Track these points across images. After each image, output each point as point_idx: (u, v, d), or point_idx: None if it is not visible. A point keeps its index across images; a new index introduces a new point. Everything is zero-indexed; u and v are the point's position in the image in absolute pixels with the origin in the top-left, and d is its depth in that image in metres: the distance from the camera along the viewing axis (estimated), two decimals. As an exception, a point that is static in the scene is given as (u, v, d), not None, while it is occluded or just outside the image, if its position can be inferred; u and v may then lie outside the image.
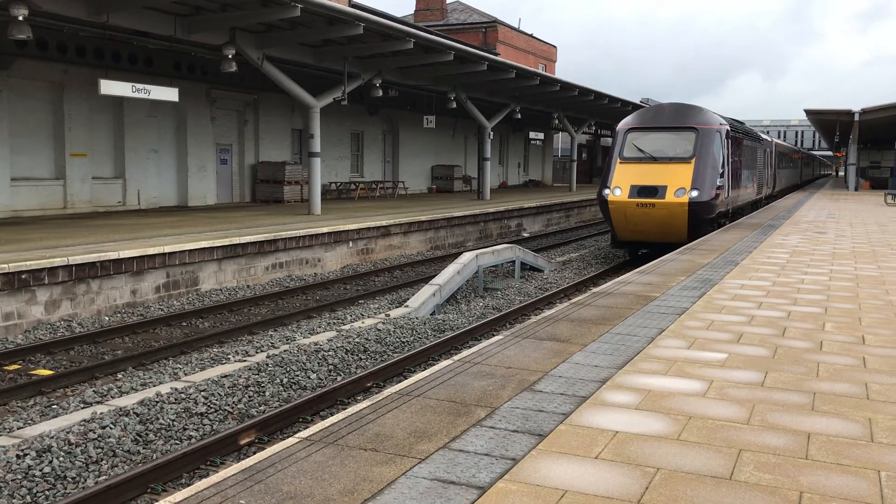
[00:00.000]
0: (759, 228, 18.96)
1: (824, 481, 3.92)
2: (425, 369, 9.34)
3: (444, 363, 6.11)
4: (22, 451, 6.81)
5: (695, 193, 17.92)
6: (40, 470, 6.57)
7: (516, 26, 56.48)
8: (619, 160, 19.07)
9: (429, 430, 4.59)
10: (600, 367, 5.98)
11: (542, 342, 6.78)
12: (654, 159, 18.70)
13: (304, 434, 4.54)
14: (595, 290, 9.65)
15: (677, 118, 19.26)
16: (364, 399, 8.50)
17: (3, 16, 15.88)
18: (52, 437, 7.13)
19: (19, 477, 6.44)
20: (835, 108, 43.52)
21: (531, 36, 57.88)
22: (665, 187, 18.08)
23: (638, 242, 19.85)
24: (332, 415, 8.33)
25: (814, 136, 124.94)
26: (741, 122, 27.99)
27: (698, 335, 7.14)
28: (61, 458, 6.79)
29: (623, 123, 19.96)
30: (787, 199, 35.25)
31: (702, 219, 18.23)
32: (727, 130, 19.67)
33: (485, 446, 4.33)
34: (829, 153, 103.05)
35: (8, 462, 6.59)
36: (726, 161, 19.44)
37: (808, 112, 45.59)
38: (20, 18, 14.93)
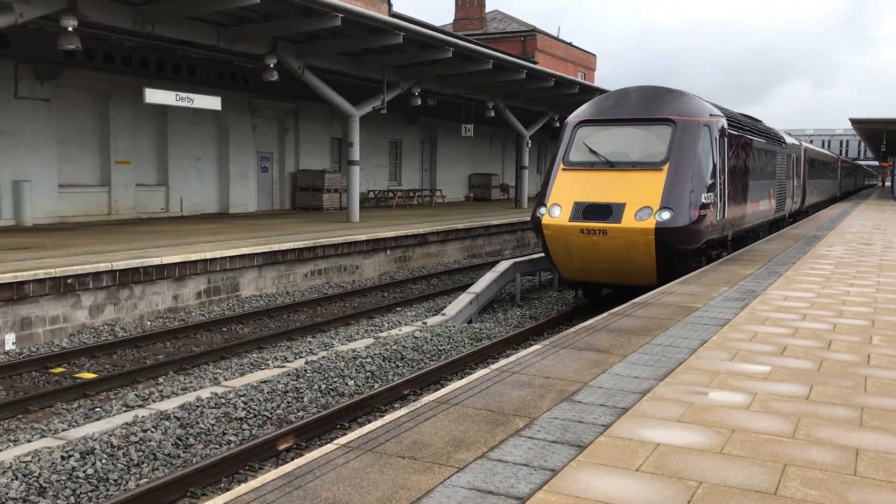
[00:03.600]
0: (802, 239, 18.59)
1: (874, 499, 3.81)
2: (462, 378, 9.32)
3: (481, 372, 6.09)
4: (66, 452, 6.93)
5: (666, 215, 12.31)
6: (84, 471, 6.68)
7: (556, 35, 56.35)
8: (561, 166, 13.48)
9: (467, 438, 4.56)
10: (641, 379, 5.90)
11: (581, 352, 6.72)
12: (609, 165, 13.06)
13: (342, 440, 4.55)
14: (635, 300, 9.55)
15: (647, 107, 13.56)
16: (402, 407, 8.50)
17: (53, 27, 16.28)
18: (96, 440, 7.25)
19: (64, 478, 6.55)
20: (881, 118, 42.64)
21: (570, 44, 57.71)
22: (622, 206, 12.51)
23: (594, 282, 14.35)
24: (369, 422, 8.34)
25: (859, 146, 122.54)
26: (755, 119, 21.38)
27: (741, 347, 7.02)
28: (104, 460, 6.90)
29: (574, 115, 14.28)
30: (831, 210, 34.54)
31: (677, 251, 12.68)
32: (723, 126, 14.28)
33: (523, 456, 4.29)
34: (875, 162, 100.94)
35: (53, 463, 6.71)
36: (720, 168, 13.97)
37: (854, 121, 44.72)
38: (70, 29, 15.30)
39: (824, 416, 5.11)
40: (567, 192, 13.07)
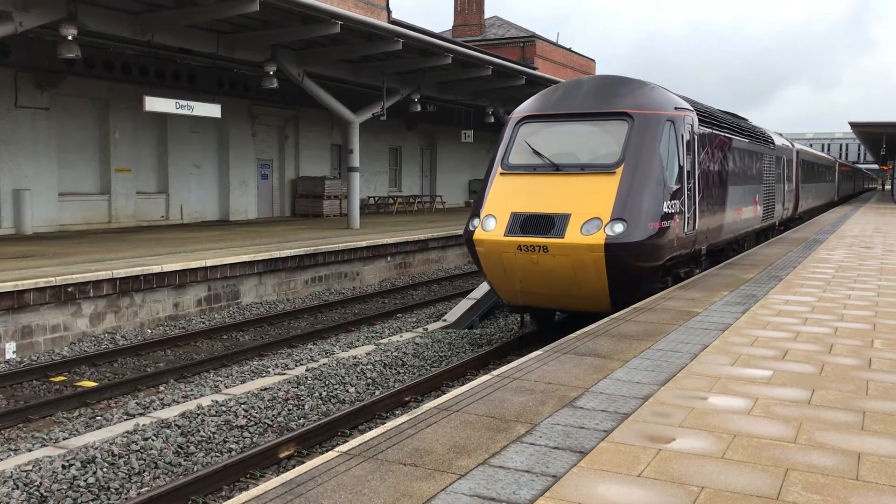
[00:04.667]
0: (803, 243, 18.59)
1: (877, 503, 3.80)
2: (463, 384, 9.31)
3: (483, 378, 6.08)
4: (67, 461, 6.93)
5: (618, 228, 10.34)
6: (85, 480, 6.67)
7: (555, 41, 56.48)
8: (499, 170, 11.49)
9: (468, 445, 4.55)
10: (642, 384, 5.89)
11: (582, 358, 6.72)
12: (555, 168, 11.06)
13: (343, 448, 4.54)
14: (636, 305, 9.54)
15: (599, 99, 11.56)
16: (403, 413, 8.49)
17: (52, 36, 16.32)
18: (97, 448, 7.24)
19: (65, 487, 6.54)
20: (881, 121, 42.68)
21: (569, 50, 57.81)
22: (566, 217, 10.53)
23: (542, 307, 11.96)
24: (371, 429, 8.33)
25: (859, 149, 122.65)
26: (737, 116, 19.54)
27: (742, 352, 7.01)
28: (105, 469, 6.89)
29: (518, 110, 12.29)
30: (830, 214, 34.53)
31: (633, 271, 10.62)
32: (693, 122, 12.31)
33: (525, 463, 4.28)
34: (875, 166, 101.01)
35: (54, 472, 6.70)
36: (690, 170, 12.02)
37: (854, 125, 44.76)
38: (69, 38, 15.34)
39: (826, 420, 5.10)
40: (504, 200, 11.10)
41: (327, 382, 9.70)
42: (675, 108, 11.76)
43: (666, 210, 10.88)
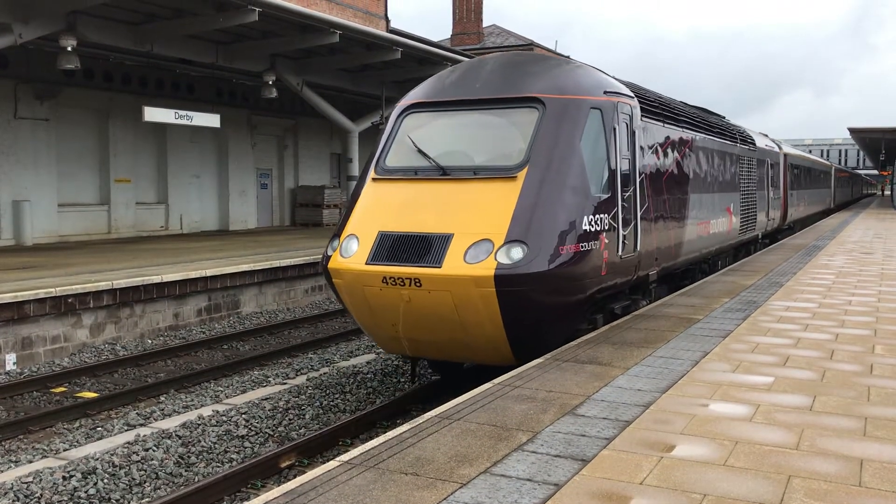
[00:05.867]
0: (803, 249, 18.60)
1: (879, 510, 3.79)
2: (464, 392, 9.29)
3: (484, 387, 6.07)
4: (68, 472, 6.91)
5: (516, 253, 7.68)
6: (85, 492, 6.65)
7: (553, 48, 56.63)
8: (372, 175, 8.90)
9: (470, 454, 4.55)
10: (643, 391, 5.89)
11: (583, 366, 6.71)
12: (441, 172, 8.44)
13: (344, 458, 4.53)
14: (637, 312, 9.54)
15: (503, 82, 8.92)
16: (404, 422, 8.47)
17: (52, 47, 16.36)
18: (97, 459, 7.22)
19: (65, 498, 6.52)
20: (880, 127, 42.76)
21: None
22: (447, 239, 7.87)
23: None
24: (372, 438, 8.31)
25: (858, 155, 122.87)
26: (706, 111, 16.47)
27: (743, 358, 7.01)
28: (106, 480, 6.87)
29: (406, 98, 9.63)
30: (831, 220, 34.53)
31: (540, 311, 7.95)
32: (632, 111, 9.75)
33: (527, 471, 4.27)
34: (874, 172, 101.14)
35: (55, 484, 6.68)
36: (627, 174, 9.42)
37: (853, 130, 44.85)
38: (69, 49, 15.39)
39: (828, 426, 5.09)
40: (373, 215, 8.43)
41: (328, 392, 9.68)
42: (606, 93, 9.15)
43: (587, 227, 8.23)
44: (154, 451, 7.53)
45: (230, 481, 6.92)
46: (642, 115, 10.13)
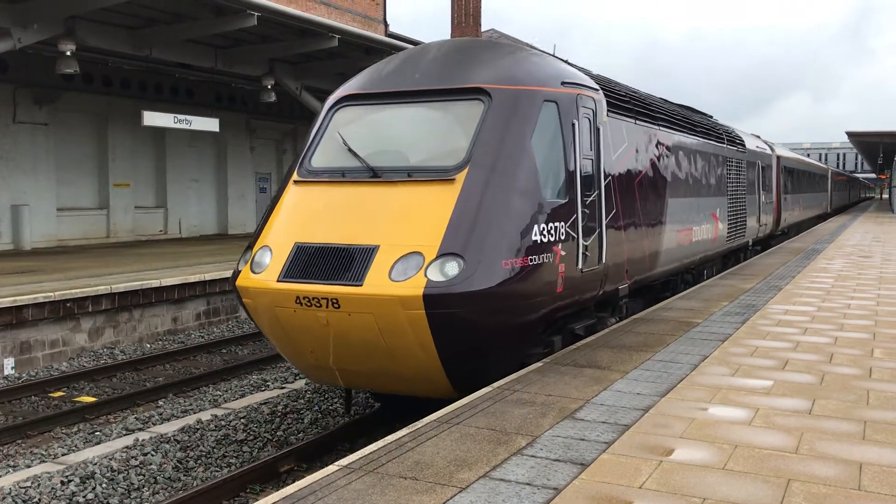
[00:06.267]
0: (801, 253, 18.61)
1: (879, 513, 3.79)
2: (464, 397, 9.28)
3: (483, 391, 6.07)
4: (66, 477, 6.90)
5: (451, 269, 6.69)
6: (84, 496, 6.64)
7: (552, 52, 56.69)
8: (294, 177, 7.91)
9: (469, 458, 4.54)
10: (643, 395, 5.89)
11: (582, 369, 6.71)
12: (372, 174, 7.44)
13: (343, 462, 4.53)
14: (635, 315, 9.54)
15: (445, 71, 7.93)
16: (403, 427, 8.46)
17: (51, 51, 16.37)
18: (96, 464, 7.21)
19: (63, 503, 6.51)
20: (878, 131, 42.84)
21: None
22: (371, 251, 6.88)
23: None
24: (371, 442, 8.30)
25: (856, 159, 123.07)
26: (688, 108, 15.45)
27: (743, 362, 7.01)
28: (104, 485, 6.86)
29: (340, 89, 8.55)
30: (829, 223, 34.56)
31: (482, 336, 6.98)
32: (595, 105, 8.73)
33: (526, 475, 4.27)
34: (872, 175, 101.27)
35: (53, 488, 6.67)
36: (590, 176, 8.44)
37: (851, 134, 44.93)
38: (68, 54, 15.39)
39: (827, 430, 5.09)
40: (291, 224, 7.44)
41: (327, 396, 9.68)
42: (565, 84, 8.22)
43: (538, 238, 7.22)
44: (153, 455, 7.52)
45: (229, 486, 6.91)
46: (610, 111, 9.20)
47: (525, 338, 7.48)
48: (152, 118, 18.86)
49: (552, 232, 7.42)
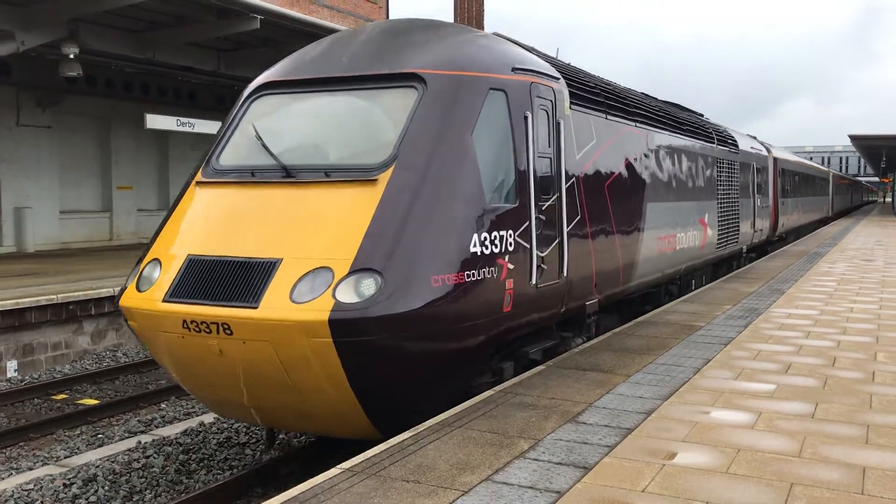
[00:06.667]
0: (804, 256, 18.59)
1: (882, 518, 3.78)
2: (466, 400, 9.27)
3: (485, 394, 6.06)
4: (68, 480, 6.90)
5: (367, 287, 5.55)
6: (86, 499, 6.64)
7: (554, 55, 56.68)
8: (198, 177, 6.84)
9: (471, 461, 4.54)
10: (645, 399, 5.88)
11: (584, 373, 6.70)
12: (285, 174, 6.39)
13: (346, 465, 4.53)
14: (638, 319, 9.53)
15: (380, 54, 6.89)
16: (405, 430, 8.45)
17: (54, 54, 16.40)
18: (98, 467, 7.22)
19: (65, 506, 6.51)
20: (881, 134, 42.80)
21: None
22: (272, 266, 5.77)
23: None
24: (373, 445, 8.29)
25: (859, 162, 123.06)
26: (673, 104, 14.19)
27: (745, 366, 7.00)
28: (106, 488, 6.86)
29: (259, 77, 7.62)
30: (831, 227, 34.52)
31: (404, 365, 5.86)
32: (556, 96, 7.73)
33: (528, 479, 4.27)
34: (875, 178, 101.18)
35: (55, 491, 6.67)
36: (549, 176, 7.44)
37: (853, 137, 44.89)
38: (71, 57, 15.42)
39: (830, 434, 5.08)
40: (187, 232, 6.44)
41: (329, 399, 9.67)
42: (515, 71, 7.16)
43: (478, 249, 6.17)
44: (155, 458, 7.52)
45: (231, 489, 6.90)
46: (574, 103, 8.11)
47: (464, 366, 6.44)
48: (155, 121, 18.86)
49: (497, 242, 6.39)
